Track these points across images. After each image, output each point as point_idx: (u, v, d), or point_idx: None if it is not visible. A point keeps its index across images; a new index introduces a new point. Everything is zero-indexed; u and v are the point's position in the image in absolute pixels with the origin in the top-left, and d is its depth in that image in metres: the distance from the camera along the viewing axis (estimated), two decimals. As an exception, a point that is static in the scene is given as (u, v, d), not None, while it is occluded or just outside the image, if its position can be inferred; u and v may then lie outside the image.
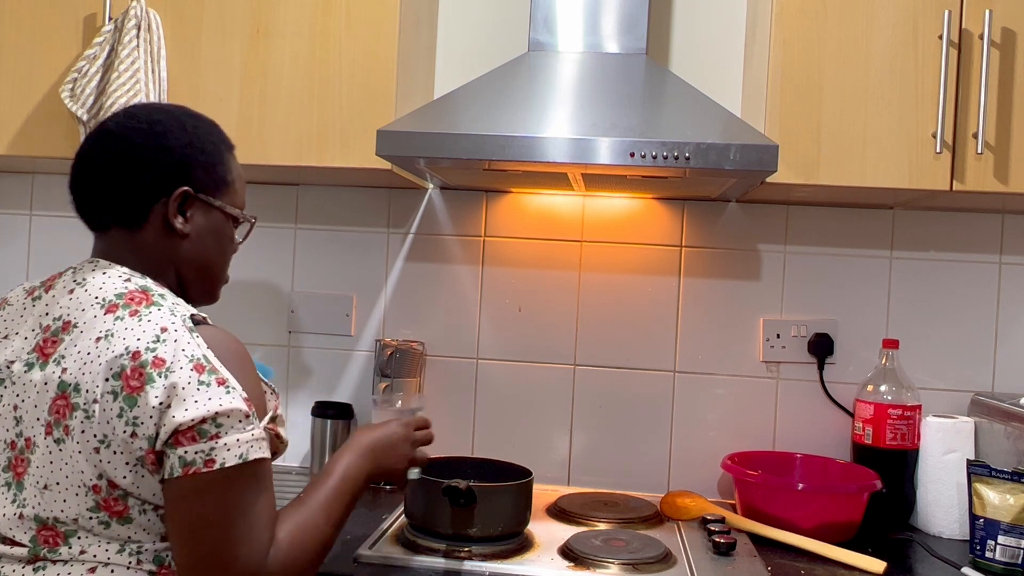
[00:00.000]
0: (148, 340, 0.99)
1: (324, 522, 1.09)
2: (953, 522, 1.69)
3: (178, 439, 0.97)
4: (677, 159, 1.47)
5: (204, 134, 1.14)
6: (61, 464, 1.00)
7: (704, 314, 1.95)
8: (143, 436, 0.97)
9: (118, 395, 0.98)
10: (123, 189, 1.09)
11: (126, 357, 0.98)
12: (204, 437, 0.97)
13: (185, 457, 0.97)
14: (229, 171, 1.17)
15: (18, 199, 2.16)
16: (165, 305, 1.04)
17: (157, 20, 1.70)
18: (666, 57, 1.96)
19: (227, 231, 1.18)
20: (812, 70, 1.60)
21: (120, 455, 0.98)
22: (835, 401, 1.90)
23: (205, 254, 1.15)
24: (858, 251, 1.91)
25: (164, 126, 1.11)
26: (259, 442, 1.02)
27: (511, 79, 1.67)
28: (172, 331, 1.01)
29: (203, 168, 1.13)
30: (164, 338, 1.00)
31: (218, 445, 0.98)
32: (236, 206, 1.18)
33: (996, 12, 1.55)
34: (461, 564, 1.42)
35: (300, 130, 1.70)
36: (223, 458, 0.98)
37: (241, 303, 2.07)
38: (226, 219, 1.17)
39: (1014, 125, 1.56)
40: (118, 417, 0.97)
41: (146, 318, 1.02)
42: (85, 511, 1.00)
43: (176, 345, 1.00)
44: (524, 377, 1.99)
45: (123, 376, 0.98)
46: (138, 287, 1.06)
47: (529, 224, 1.99)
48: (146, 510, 1.02)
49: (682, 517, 1.73)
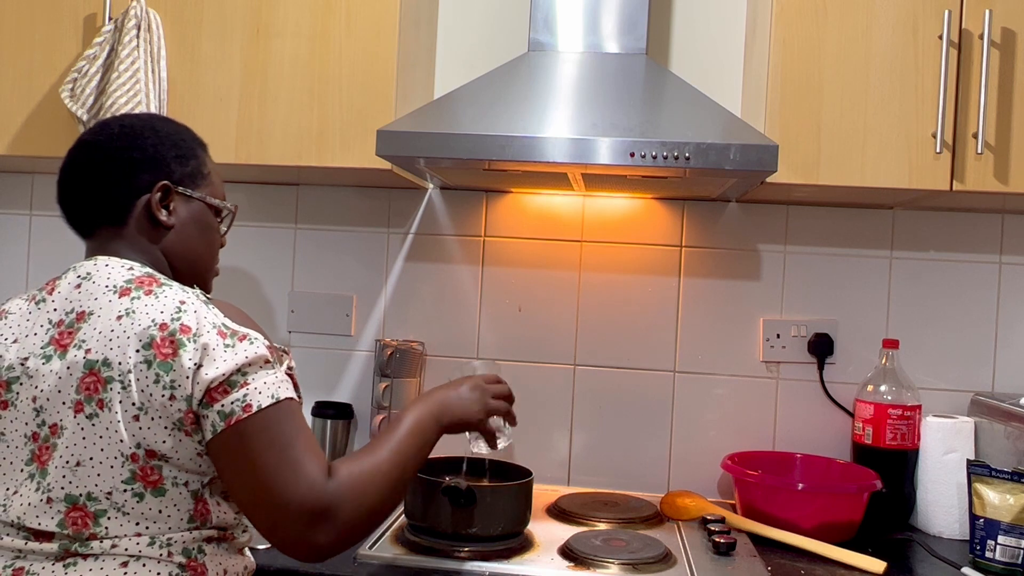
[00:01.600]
0: (171, 312, 1.05)
1: (390, 466, 1.11)
2: (953, 522, 1.69)
3: (212, 396, 1.02)
4: (677, 159, 1.47)
5: (175, 133, 1.21)
6: (95, 438, 1.03)
7: (704, 314, 1.95)
8: (181, 398, 1.02)
9: (152, 363, 1.02)
10: (105, 190, 1.15)
11: (154, 328, 1.03)
12: (235, 387, 1.03)
13: (223, 410, 1.02)
14: (204, 165, 1.23)
15: (18, 199, 2.17)
16: (175, 285, 1.10)
17: (157, 20, 1.70)
18: (666, 57, 1.96)
19: (210, 221, 1.24)
20: (812, 70, 1.60)
21: (159, 420, 1.03)
22: (835, 401, 1.90)
23: (191, 244, 1.21)
24: (858, 251, 1.92)
25: (136, 129, 1.18)
26: (285, 383, 1.07)
27: (511, 79, 1.67)
28: (191, 303, 1.07)
29: (179, 162, 1.19)
30: (185, 309, 1.06)
31: (250, 391, 1.03)
32: (216, 196, 1.24)
33: (996, 12, 1.55)
34: (461, 564, 1.42)
35: (300, 130, 1.70)
36: (258, 401, 1.03)
37: (241, 303, 2.07)
38: (207, 209, 1.23)
39: (1014, 125, 1.56)
40: (155, 383, 1.02)
41: (162, 295, 1.07)
42: (120, 483, 1.03)
43: (197, 315, 1.05)
44: (524, 377, 1.99)
45: (154, 345, 1.03)
46: (144, 273, 1.11)
47: (529, 224, 1.99)
48: (178, 483, 1.05)
49: (682, 517, 1.73)
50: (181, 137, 1.21)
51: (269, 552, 1.44)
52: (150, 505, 1.04)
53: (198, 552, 1.08)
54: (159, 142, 1.18)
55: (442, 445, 1.99)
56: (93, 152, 1.16)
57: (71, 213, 1.18)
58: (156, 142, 1.18)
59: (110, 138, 1.16)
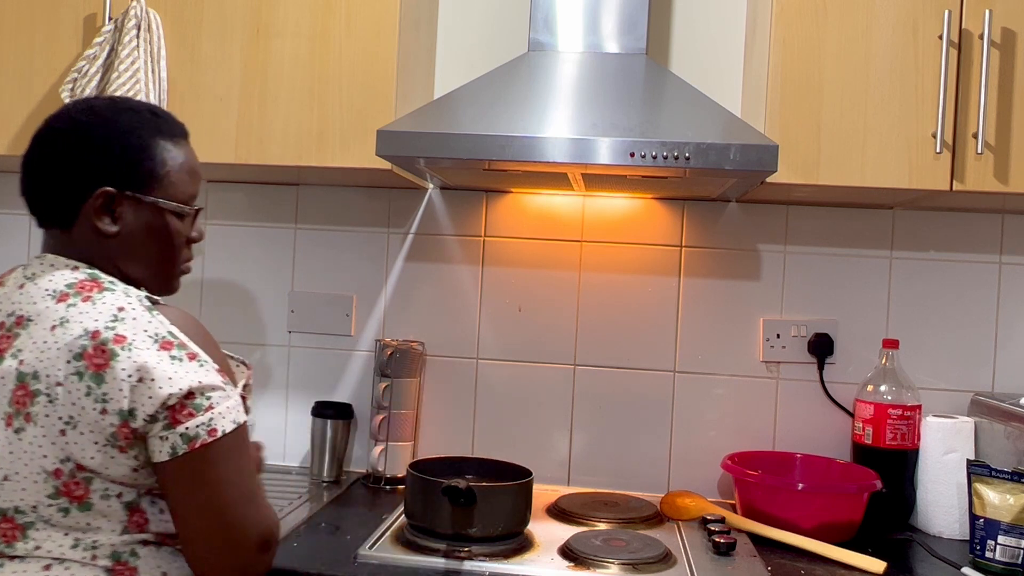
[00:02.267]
0: (106, 320, 1.01)
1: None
2: (953, 522, 1.69)
3: (175, 418, 0.99)
4: (677, 159, 1.47)
5: (130, 129, 1.11)
6: (20, 453, 1.01)
7: (704, 314, 1.95)
8: (113, 412, 0.99)
9: (83, 375, 0.99)
10: (50, 191, 1.10)
11: (85, 338, 1.00)
12: (200, 410, 1.00)
13: (188, 433, 1.00)
14: (161, 164, 1.12)
15: (18, 199, 2.15)
16: (118, 289, 1.06)
17: (157, 20, 1.70)
18: (666, 57, 1.96)
19: (166, 226, 1.14)
20: (812, 70, 1.60)
21: (88, 435, 1.00)
22: (835, 401, 1.90)
23: (141, 251, 1.13)
24: (858, 251, 1.91)
25: (86, 127, 1.10)
26: (239, 406, 1.06)
27: (511, 79, 1.67)
28: (129, 310, 1.03)
29: (128, 165, 1.10)
30: (122, 317, 1.02)
31: (215, 415, 1.01)
32: (175, 198, 1.14)
33: (996, 12, 1.55)
34: (461, 564, 1.42)
35: (300, 130, 1.70)
36: (223, 426, 1.02)
37: (241, 303, 2.07)
38: (163, 214, 1.13)
39: (1014, 125, 1.56)
40: (86, 396, 0.99)
41: (100, 301, 1.03)
42: (44, 498, 1.01)
43: (136, 323, 1.01)
44: (524, 377, 1.99)
45: (85, 356, 0.99)
46: (87, 276, 1.07)
47: (529, 224, 1.99)
48: (109, 495, 1.03)
49: (682, 517, 1.73)
50: (138, 133, 1.11)
51: (269, 552, 1.44)
52: (77, 519, 1.02)
53: (130, 555, 1.04)
54: (109, 142, 1.09)
55: (442, 445, 2.00)
56: (43, 148, 1.10)
57: (29, 206, 1.14)
58: (106, 142, 1.09)
59: (60, 135, 1.10)
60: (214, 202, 2.09)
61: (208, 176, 2.02)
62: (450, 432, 2.01)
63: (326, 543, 1.50)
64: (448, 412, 2.01)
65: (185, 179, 1.16)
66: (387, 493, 1.85)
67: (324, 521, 1.62)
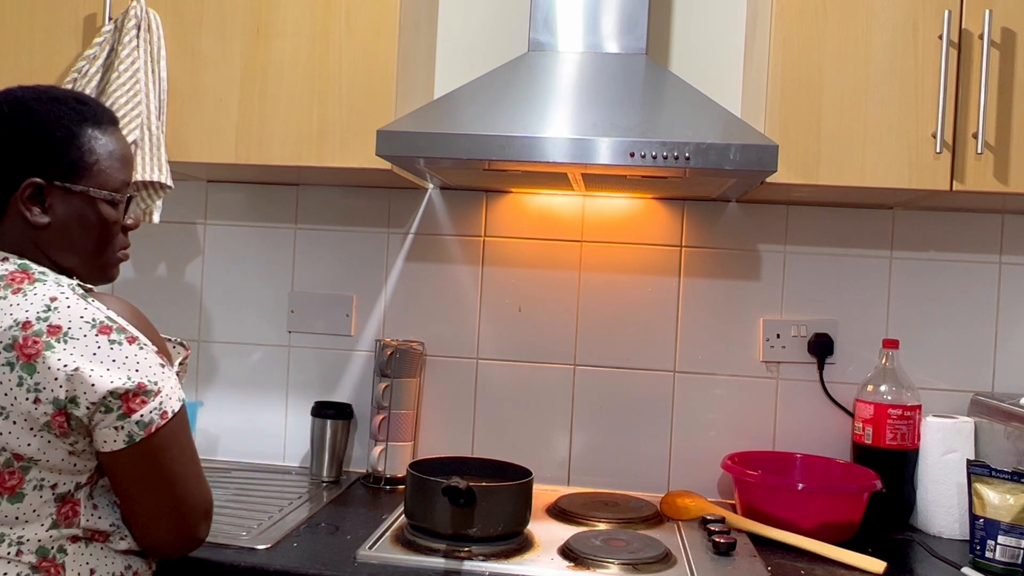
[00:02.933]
0: (37, 310, 1.01)
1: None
2: (953, 522, 1.69)
3: (129, 407, 1.01)
4: (677, 159, 1.47)
5: (56, 117, 1.10)
6: None
7: (704, 314, 1.95)
8: (47, 401, 0.99)
9: (14, 365, 0.99)
10: None
11: (16, 328, 1.00)
12: (151, 396, 1.02)
13: (143, 419, 1.01)
14: (89, 153, 1.12)
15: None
16: (49, 280, 1.06)
17: (157, 20, 1.70)
18: (666, 57, 1.96)
19: (97, 215, 1.13)
20: (812, 70, 1.60)
21: (23, 423, 1.00)
22: (835, 401, 1.90)
23: (73, 241, 1.13)
24: (858, 251, 1.91)
25: (10, 119, 1.09)
26: (178, 383, 1.08)
27: (511, 79, 1.67)
28: (63, 299, 1.03)
29: (54, 155, 1.09)
30: (55, 306, 1.02)
31: (163, 397, 1.03)
32: (105, 186, 1.13)
33: (996, 12, 1.55)
34: (461, 564, 1.42)
35: (300, 130, 1.70)
36: (171, 407, 1.04)
37: (241, 303, 2.08)
38: (94, 203, 1.13)
39: (1014, 125, 1.56)
40: (18, 387, 0.99)
41: (31, 293, 1.03)
42: None
43: (71, 311, 1.02)
44: (524, 377, 1.99)
45: (16, 347, 0.99)
46: (18, 267, 1.07)
47: (529, 224, 1.99)
48: (43, 486, 1.03)
49: (682, 517, 1.73)
50: (63, 122, 1.10)
51: (269, 552, 1.44)
52: (5, 511, 1.02)
53: (57, 551, 1.04)
54: (33, 130, 1.09)
55: (442, 445, 2.00)
56: None
57: None
58: (31, 132, 1.08)
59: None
60: (214, 202, 2.09)
61: (208, 176, 2.02)
62: (450, 432, 2.01)
63: (326, 543, 1.50)
64: (448, 412, 2.01)
65: (115, 166, 1.15)
66: (387, 493, 1.85)
67: (324, 521, 1.62)
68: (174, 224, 2.09)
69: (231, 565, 1.40)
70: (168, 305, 2.10)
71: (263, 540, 1.49)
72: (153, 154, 1.66)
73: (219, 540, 1.46)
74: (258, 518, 1.62)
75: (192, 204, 2.09)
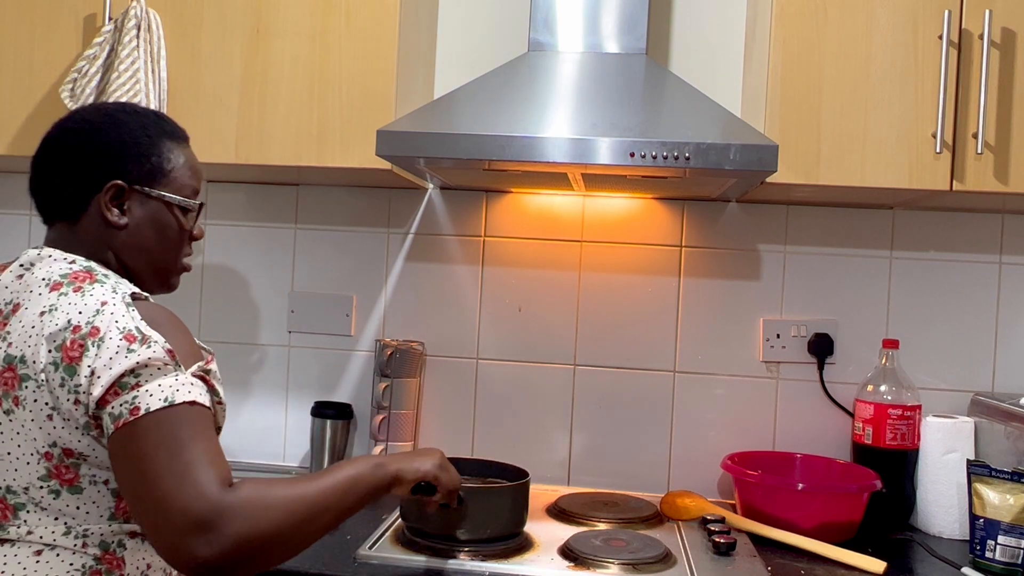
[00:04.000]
0: (90, 313, 1.03)
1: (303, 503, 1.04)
2: (953, 522, 1.69)
3: (105, 399, 1.00)
4: (677, 159, 1.47)
5: (139, 127, 1.17)
6: (12, 434, 1.04)
7: (704, 314, 1.95)
8: (84, 404, 1.01)
9: (59, 366, 1.02)
10: (61, 186, 1.15)
11: (68, 330, 1.02)
12: (125, 389, 1.00)
13: (113, 412, 1.00)
14: (167, 161, 1.18)
15: (18, 199, 2.16)
16: (108, 283, 1.08)
17: (157, 20, 1.70)
18: (666, 57, 1.96)
19: (170, 220, 1.19)
20: (812, 70, 1.60)
21: (70, 422, 1.02)
22: (835, 401, 1.90)
23: (146, 244, 1.18)
24: (858, 251, 1.91)
25: (96, 125, 1.16)
26: (187, 386, 1.02)
27: (511, 79, 1.67)
28: (111, 304, 1.04)
29: (136, 160, 1.15)
30: (103, 311, 1.04)
31: (140, 393, 1.00)
32: (180, 193, 1.19)
33: (996, 12, 1.55)
34: (461, 564, 1.42)
35: (300, 130, 1.70)
36: (147, 404, 1.00)
37: (241, 303, 2.07)
38: (168, 208, 1.19)
39: (1014, 125, 1.56)
40: (60, 387, 1.01)
41: (89, 293, 1.05)
42: (36, 480, 1.04)
43: (111, 317, 1.03)
44: (524, 377, 1.99)
45: (63, 348, 1.02)
46: (83, 268, 1.11)
47: (529, 224, 1.99)
48: (96, 481, 1.05)
49: (682, 517, 1.73)
50: (146, 132, 1.17)
51: (269, 552, 1.44)
52: (67, 502, 1.05)
53: (117, 546, 1.07)
54: (119, 138, 1.15)
55: (442, 445, 2.00)
56: (55, 147, 1.16)
57: (37, 203, 1.19)
58: (116, 138, 1.15)
59: (71, 134, 1.16)
60: (214, 202, 2.09)
61: (208, 176, 2.02)
62: (450, 432, 2.01)
63: (326, 543, 1.50)
64: (448, 412, 2.01)
65: (189, 176, 1.21)
66: (387, 493, 1.84)
67: (324, 521, 1.62)
68: (174, 224, 2.09)
69: (231, 565, 1.40)
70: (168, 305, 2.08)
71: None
72: (153, 154, 1.66)
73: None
74: (258, 518, 1.62)
75: (192, 204, 2.09)
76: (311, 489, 1.05)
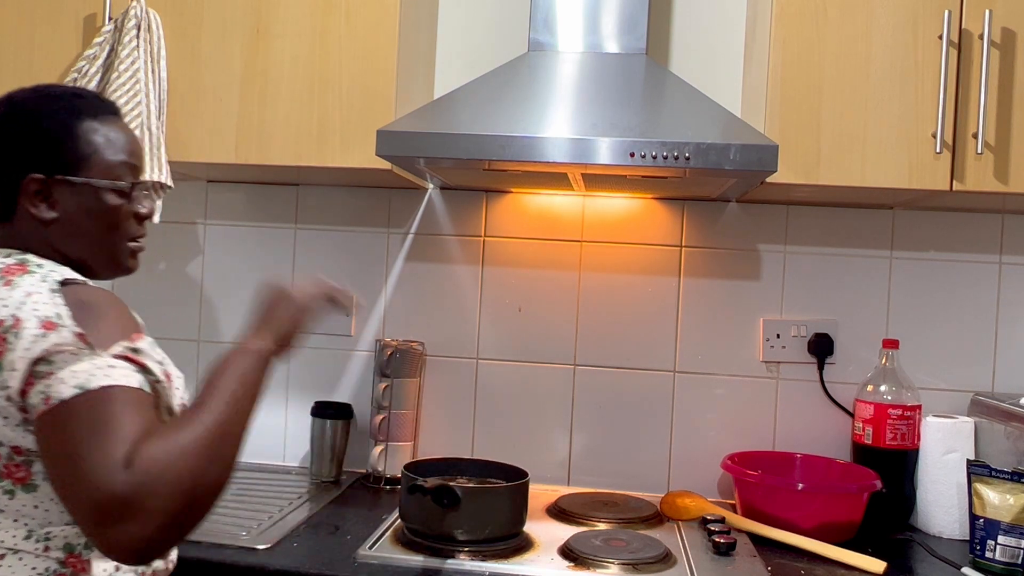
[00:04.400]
0: (14, 306, 0.99)
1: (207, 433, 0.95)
2: (953, 522, 1.69)
3: (24, 389, 0.96)
4: (677, 159, 1.47)
5: (49, 113, 1.11)
6: None
7: (704, 314, 1.95)
8: (13, 399, 0.97)
9: None
10: None
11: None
12: (40, 378, 0.96)
13: (31, 402, 0.96)
14: (86, 144, 1.11)
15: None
16: (40, 272, 1.04)
17: (157, 20, 1.70)
18: (666, 57, 1.96)
19: (103, 204, 1.13)
20: (812, 70, 1.60)
21: (9, 419, 0.98)
22: (835, 401, 1.90)
23: (82, 232, 1.12)
24: (858, 251, 1.91)
25: (5, 118, 1.10)
26: (106, 370, 0.96)
27: (511, 79, 1.67)
28: (35, 294, 1.00)
29: (50, 149, 1.10)
30: (26, 301, 0.99)
31: (53, 381, 0.95)
32: (108, 175, 1.12)
33: (996, 12, 1.55)
34: (461, 564, 1.42)
35: (300, 130, 1.70)
36: (59, 392, 0.94)
37: (241, 303, 2.07)
38: (98, 193, 1.12)
39: (1014, 125, 1.56)
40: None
41: (17, 286, 1.01)
42: None
43: (32, 307, 0.99)
44: (524, 377, 1.99)
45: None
46: (16, 261, 1.06)
47: (529, 224, 1.99)
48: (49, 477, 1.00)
49: (682, 517, 1.73)
50: (56, 116, 1.11)
51: (269, 552, 1.44)
52: (24, 502, 1.01)
53: (84, 548, 1.03)
54: (27, 128, 1.09)
55: (442, 445, 2.00)
56: None
57: None
58: (25, 129, 1.10)
59: None
60: (214, 202, 2.09)
61: (208, 176, 2.02)
62: (450, 432, 2.01)
63: (326, 543, 1.50)
64: (448, 412, 2.01)
65: (116, 155, 1.14)
66: (387, 493, 1.85)
67: (324, 521, 1.63)
68: (174, 224, 2.09)
69: (231, 565, 1.40)
70: (168, 305, 2.10)
71: (263, 540, 1.49)
72: (153, 154, 1.66)
73: (219, 540, 1.47)
74: (258, 518, 1.62)
75: (192, 204, 2.09)
76: (207, 416, 0.97)
